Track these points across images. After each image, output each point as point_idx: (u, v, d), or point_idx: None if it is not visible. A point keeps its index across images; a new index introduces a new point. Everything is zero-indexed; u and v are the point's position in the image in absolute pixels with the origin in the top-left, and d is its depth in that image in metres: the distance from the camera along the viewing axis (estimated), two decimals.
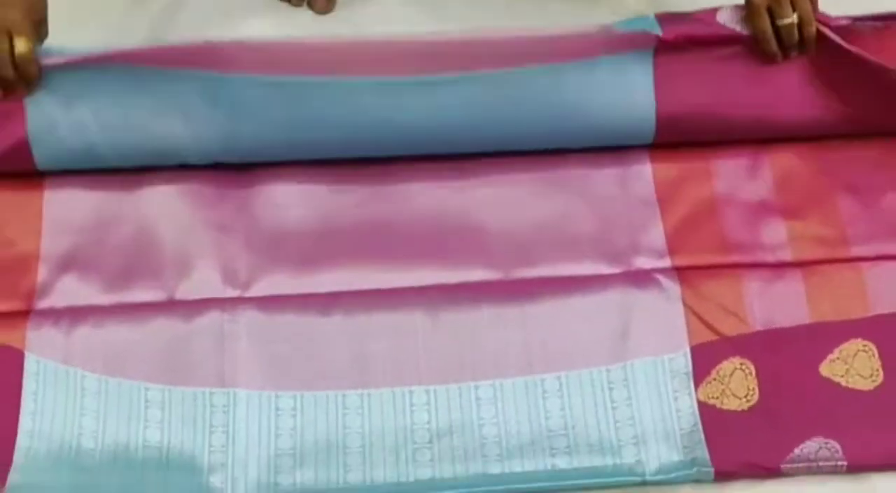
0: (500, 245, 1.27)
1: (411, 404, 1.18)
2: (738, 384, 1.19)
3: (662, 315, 1.22)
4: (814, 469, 1.15)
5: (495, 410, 1.18)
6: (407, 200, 1.28)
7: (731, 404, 1.18)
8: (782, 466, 1.14)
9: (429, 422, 1.17)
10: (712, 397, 1.18)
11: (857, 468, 1.15)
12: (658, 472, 1.14)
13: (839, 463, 1.15)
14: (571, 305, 1.23)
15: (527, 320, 1.22)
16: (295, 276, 1.24)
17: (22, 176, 1.25)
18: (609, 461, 1.15)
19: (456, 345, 1.21)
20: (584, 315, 1.22)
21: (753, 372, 1.19)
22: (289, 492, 1.13)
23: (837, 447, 1.15)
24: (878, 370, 1.19)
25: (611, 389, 1.19)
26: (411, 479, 1.15)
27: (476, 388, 1.19)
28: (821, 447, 1.15)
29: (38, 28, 1.23)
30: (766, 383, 1.19)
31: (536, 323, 1.22)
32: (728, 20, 1.26)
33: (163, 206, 1.26)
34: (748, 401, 1.18)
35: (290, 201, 1.27)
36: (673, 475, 1.14)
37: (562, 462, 1.15)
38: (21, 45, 1.18)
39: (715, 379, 1.19)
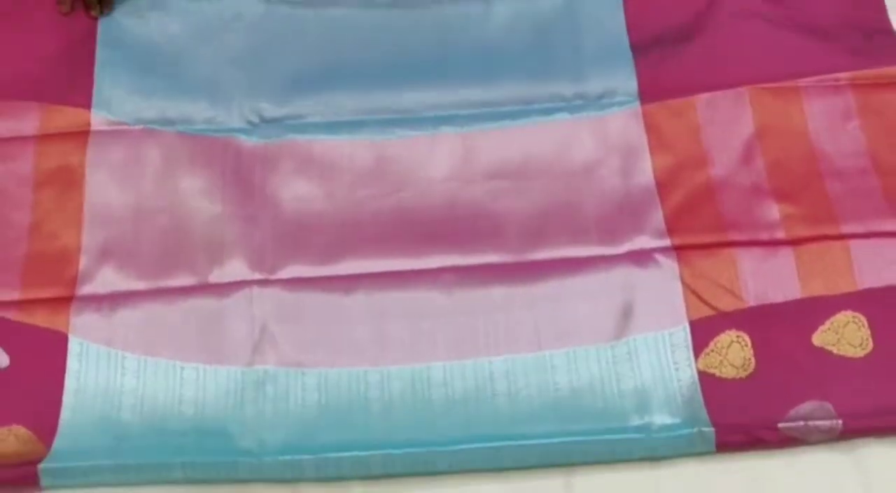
0: (510, 231, 1.34)
1: (429, 379, 1.26)
2: (735, 355, 1.26)
3: (662, 293, 1.30)
4: (811, 430, 1.21)
5: (507, 383, 1.26)
6: (422, 192, 1.37)
7: (729, 373, 1.25)
8: (780, 425, 1.21)
9: (445, 395, 1.25)
10: (711, 367, 1.25)
11: (851, 427, 1.22)
12: (661, 430, 1.22)
13: (834, 422, 1.21)
14: (577, 285, 1.31)
15: (536, 300, 1.30)
16: (318, 263, 1.32)
17: (65, 171, 1.36)
18: (616, 423, 1.23)
19: (470, 324, 1.29)
20: (589, 294, 1.30)
21: (749, 344, 1.27)
22: (315, 450, 1.21)
23: (831, 408, 1.22)
24: (867, 339, 1.26)
25: (615, 362, 1.26)
26: (430, 436, 1.22)
27: (490, 363, 1.27)
28: (815, 409, 1.22)
29: None
30: (761, 353, 1.26)
31: (545, 302, 1.30)
32: None
33: (194, 200, 1.35)
34: (745, 370, 1.25)
35: (313, 195, 1.36)
36: (675, 433, 1.22)
37: (571, 426, 1.23)
38: None
39: (713, 351, 1.26)
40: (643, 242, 1.33)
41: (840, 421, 1.22)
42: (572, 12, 1.48)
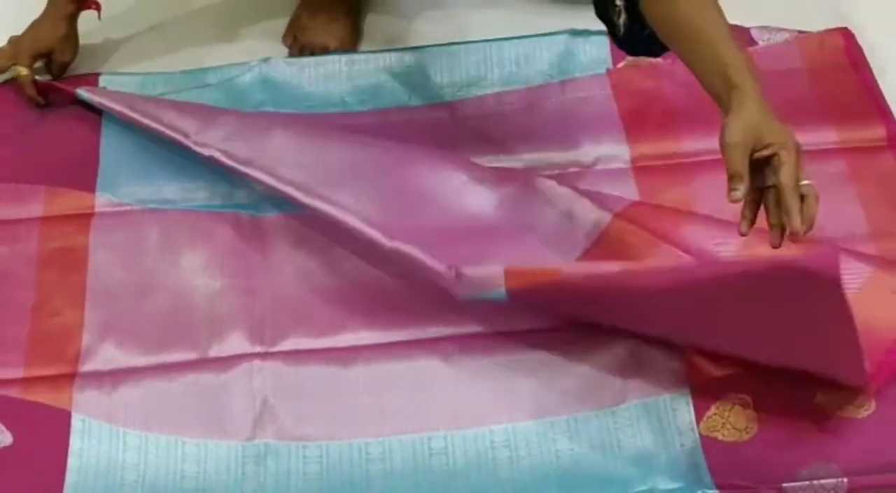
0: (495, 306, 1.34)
1: (430, 449, 1.25)
2: (737, 418, 1.25)
3: (663, 357, 1.29)
4: (816, 489, 1.20)
5: (508, 451, 1.25)
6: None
7: (732, 436, 1.24)
8: (784, 485, 1.19)
9: (447, 464, 1.24)
10: (713, 430, 1.25)
11: (856, 485, 1.20)
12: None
13: (839, 481, 1.20)
14: (576, 351, 1.31)
15: (536, 368, 1.30)
16: (318, 335, 1.33)
17: (68, 252, 1.38)
18: (618, 489, 1.21)
19: (470, 392, 1.29)
20: (589, 360, 1.30)
21: (752, 405, 1.26)
22: None
23: (836, 467, 1.20)
24: (869, 399, 1.25)
25: (617, 428, 1.26)
26: None
27: (490, 432, 1.26)
28: (820, 468, 1.20)
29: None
30: (763, 415, 1.25)
31: (546, 369, 1.30)
32: None
33: (194, 276, 1.37)
34: (748, 432, 1.24)
35: (313, 267, 1.38)
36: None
37: None
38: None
39: (715, 414, 1.26)
40: None
41: (845, 479, 1.21)
42: None
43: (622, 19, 1.27)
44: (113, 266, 1.38)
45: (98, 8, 1.56)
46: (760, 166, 1.12)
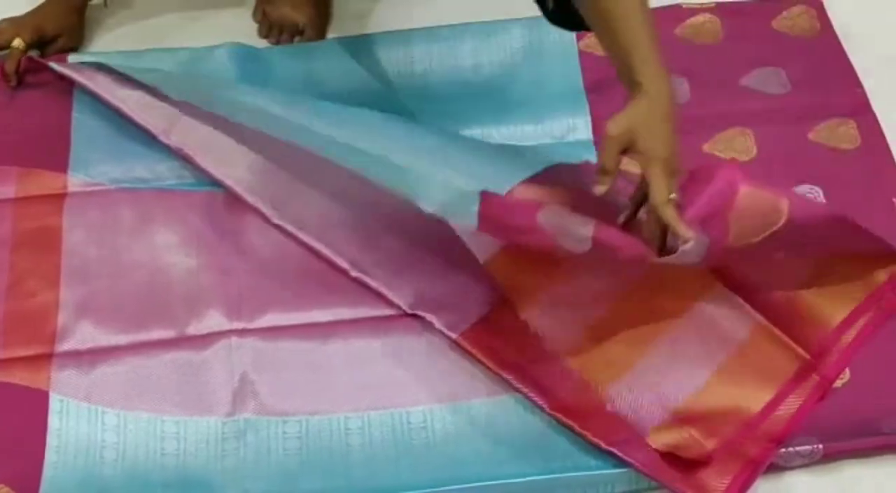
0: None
1: (409, 423, 1.26)
2: None
3: None
4: (792, 456, 1.22)
5: (488, 425, 1.26)
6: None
7: None
8: None
9: (426, 438, 1.25)
10: None
11: (831, 451, 1.23)
12: None
13: (815, 447, 1.23)
14: None
15: None
16: (296, 310, 1.33)
17: (42, 232, 1.37)
18: (595, 459, 1.22)
19: (449, 366, 1.29)
20: None
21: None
22: None
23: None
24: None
25: None
26: (412, 480, 1.23)
27: (469, 406, 1.27)
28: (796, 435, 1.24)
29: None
30: None
31: None
32: None
33: (170, 254, 1.37)
34: None
35: (288, 244, 1.37)
36: None
37: (553, 464, 1.23)
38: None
39: None
40: None
41: (821, 445, 1.23)
42: None
43: None
44: (88, 246, 1.37)
45: None
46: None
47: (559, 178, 1.25)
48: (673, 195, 1.10)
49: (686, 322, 1.28)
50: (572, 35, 1.54)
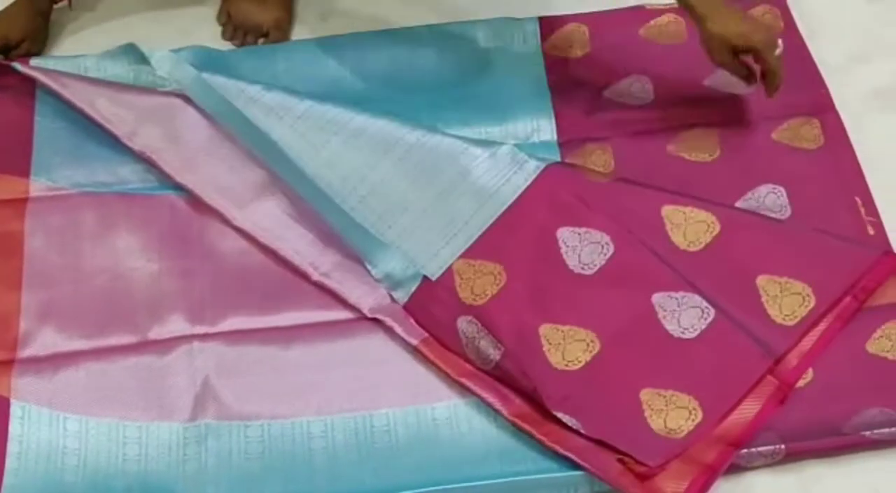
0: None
1: (372, 426, 1.26)
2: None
3: None
4: (754, 456, 1.22)
5: (451, 429, 1.26)
6: None
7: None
8: None
9: (390, 442, 1.25)
10: None
11: (793, 451, 1.23)
12: None
13: (777, 447, 1.23)
14: None
15: None
16: (259, 314, 1.33)
17: (4, 238, 1.37)
18: (557, 461, 1.22)
19: (412, 369, 1.29)
20: None
21: None
22: None
23: (773, 434, 1.23)
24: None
25: None
26: (375, 484, 1.23)
27: (433, 410, 1.27)
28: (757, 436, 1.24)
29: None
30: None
31: None
32: None
33: (132, 258, 1.36)
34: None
35: (250, 247, 1.37)
36: None
37: (515, 466, 1.23)
38: None
39: None
40: None
41: (783, 446, 1.23)
42: None
43: None
44: (49, 251, 1.36)
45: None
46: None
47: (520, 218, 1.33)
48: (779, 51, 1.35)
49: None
50: (537, 37, 1.54)
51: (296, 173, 1.36)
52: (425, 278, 1.31)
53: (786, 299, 1.29)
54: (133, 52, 1.49)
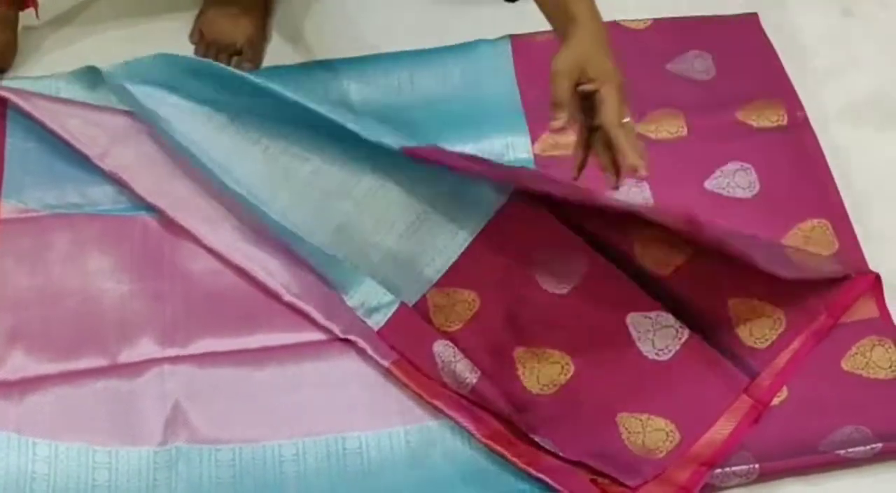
0: None
1: (344, 449, 1.25)
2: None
3: None
4: (728, 476, 1.22)
5: (423, 451, 1.25)
6: None
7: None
8: None
9: (362, 464, 1.24)
10: None
11: (767, 470, 1.23)
12: None
13: (751, 467, 1.22)
14: None
15: None
16: (230, 336, 1.32)
17: None
18: (528, 484, 1.22)
19: (385, 391, 1.28)
20: None
21: None
22: None
23: (748, 454, 1.22)
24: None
25: None
26: None
27: (406, 432, 1.26)
28: (732, 458, 1.23)
29: None
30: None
31: None
32: None
33: (102, 280, 1.35)
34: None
35: (221, 269, 1.36)
36: None
37: (493, 490, 1.22)
38: None
39: None
40: None
41: (757, 465, 1.22)
42: None
43: None
44: (19, 273, 1.35)
45: (36, 6, 1.53)
46: (589, 106, 1.13)
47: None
48: (627, 119, 1.11)
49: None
50: (509, 56, 1.54)
51: (263, 205, 1.35)
52: (402, 304, 1.30)
53: (757, 322, 1.28)
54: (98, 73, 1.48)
